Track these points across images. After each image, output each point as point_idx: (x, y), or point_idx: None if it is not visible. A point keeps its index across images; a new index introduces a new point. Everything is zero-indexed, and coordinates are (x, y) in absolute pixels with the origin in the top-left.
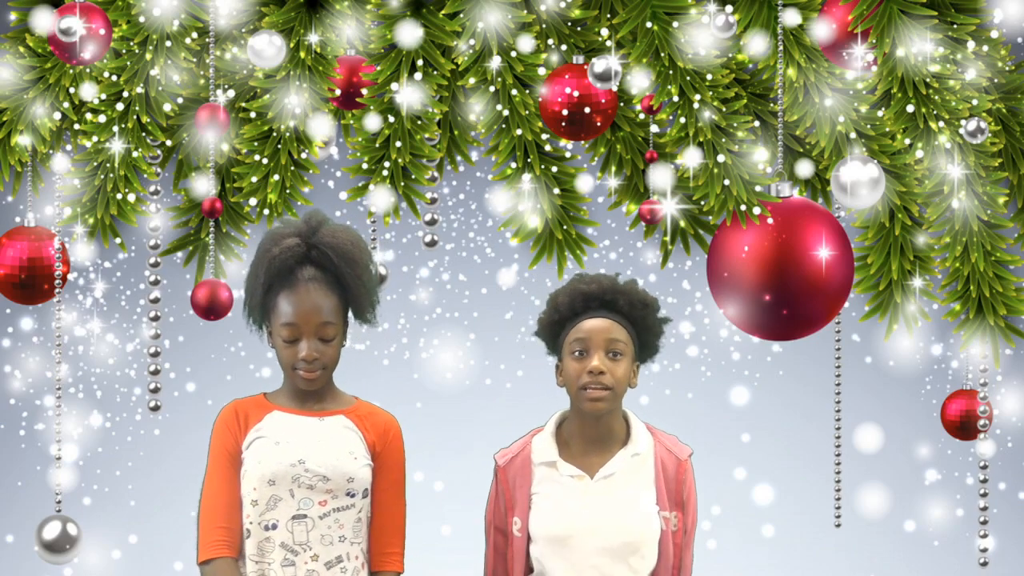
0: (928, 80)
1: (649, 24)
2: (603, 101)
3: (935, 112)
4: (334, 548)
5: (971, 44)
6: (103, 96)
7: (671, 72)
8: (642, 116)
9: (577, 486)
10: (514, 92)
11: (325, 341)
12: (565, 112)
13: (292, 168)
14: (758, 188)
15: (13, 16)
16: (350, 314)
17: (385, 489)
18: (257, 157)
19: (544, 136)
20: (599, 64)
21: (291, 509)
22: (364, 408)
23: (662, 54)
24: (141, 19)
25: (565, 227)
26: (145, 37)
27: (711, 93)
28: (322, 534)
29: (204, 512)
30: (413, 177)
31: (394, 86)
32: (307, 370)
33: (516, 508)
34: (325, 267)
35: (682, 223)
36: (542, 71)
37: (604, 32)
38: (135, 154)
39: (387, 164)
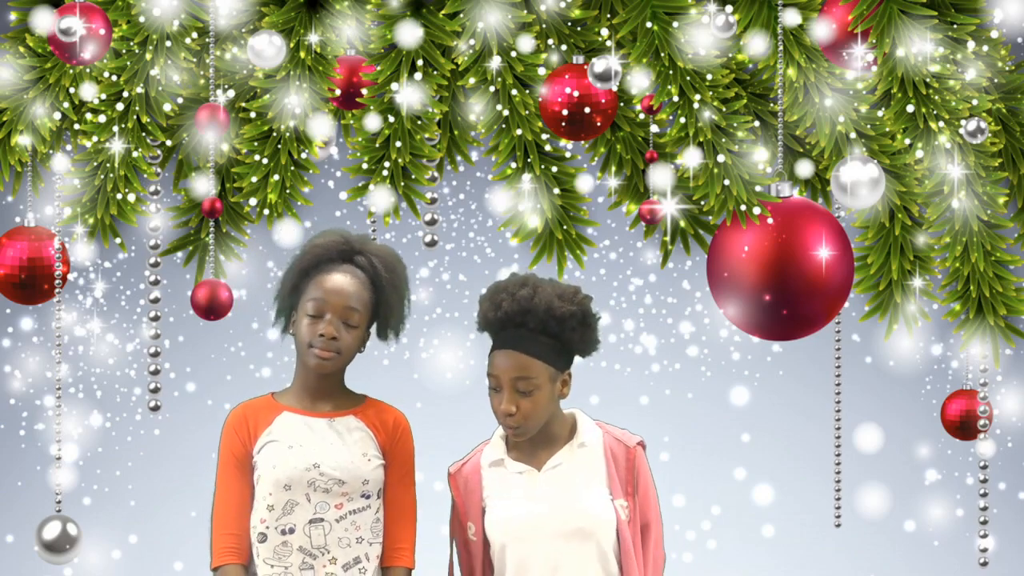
0: (928, 80)
1: (649, 24)
2: (603, 101)
3: (935, 112)
4: (352, 550)
5: (971, 44)
6: (103, 96)
7: (671, 72)
8: (642, 116)
9: (526, 480)
10: (514, 92)
11: (348, 327)
12: (565, 112)
13: (292, 168)
14: (758, 188)
15: (13, 16)
16: (374, 327)
17: (395, 484)
18: (257, 157)
19: (544, 136)
20: (599, 64)
21: (308, 513)
22: (373, 406)
23: (662, 54)
24: (141, 19)
25: (565, 227)
26: (145, 37)
27: (711, 93)
28: (339, 537)
29: (216, 518)
30: (413, 177)
31: (394, 86)
32: (323, 347)
33: (469, 514)
34: (365, 270)
35: (682, 223)
36: (542, 71)
37: (604, 32)
38: (135, 154)
39: (387, 164)
